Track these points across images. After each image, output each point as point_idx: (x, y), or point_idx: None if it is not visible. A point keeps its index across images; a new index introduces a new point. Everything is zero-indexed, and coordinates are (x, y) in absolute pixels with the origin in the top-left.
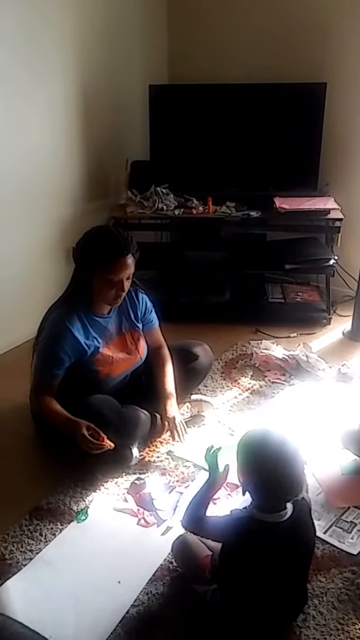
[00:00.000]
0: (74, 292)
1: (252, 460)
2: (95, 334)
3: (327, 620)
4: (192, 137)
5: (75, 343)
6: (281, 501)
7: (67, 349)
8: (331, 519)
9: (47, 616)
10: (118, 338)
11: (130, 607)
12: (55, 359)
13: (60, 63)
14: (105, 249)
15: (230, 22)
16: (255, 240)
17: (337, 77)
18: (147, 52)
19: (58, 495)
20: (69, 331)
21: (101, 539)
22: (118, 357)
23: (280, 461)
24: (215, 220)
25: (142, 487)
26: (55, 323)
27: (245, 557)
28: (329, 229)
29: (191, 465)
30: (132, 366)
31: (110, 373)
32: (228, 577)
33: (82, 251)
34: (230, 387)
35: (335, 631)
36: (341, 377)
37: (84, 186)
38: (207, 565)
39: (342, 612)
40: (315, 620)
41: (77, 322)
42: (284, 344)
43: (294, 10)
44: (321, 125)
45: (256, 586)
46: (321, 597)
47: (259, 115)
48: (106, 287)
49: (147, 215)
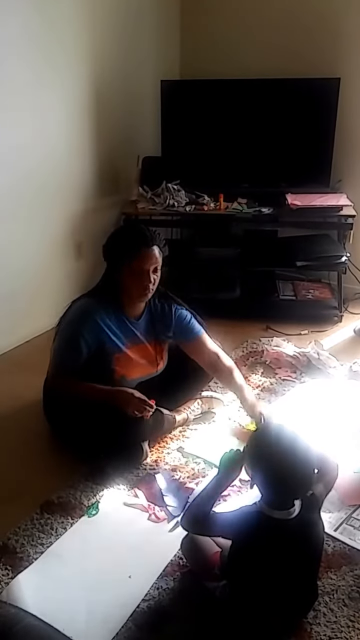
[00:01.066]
0: (103, 288)
1: (261, 455)
2: (121, 333)
3: (338, 617)
4: (204, 133)
5: (99, 331)
6: (289, 497)
7: (88, 336)
8: (342, 516)
9: (58, 609)
10: (142, 344)
11: (141, 601)
12: (76, 343)
13: (73, 59)
14: (131, 239)
15: (242, 18)
16: (267, 237)
17: (350, 73)
18: (159, 48)
19: (69, 489)
20: (93, 318)
21: (112, 533)
22: (138, 362)
23: (289, 457)
24: (226, 216)
25: (152, 482)
26: (81, 308)
27: (255, 552)
28: (341, 225)
29: (202, 461)
30: (147, 375)
31: (126, 375)
32: (237, 572)
33: (109, 245)
34: None
35: (346, 628)
36: (352, 374)
37: (96, 182)
38: (216, 562)
39: (352, 610)
40: (326, 617)
41: (104, 315)
42: (295, 341)
43: (307, 5)
44: (334, 121)
45: (265, 582)
46: (332, 595)
47: (271, 111)
48: (133, 279)
49: (158, 211)
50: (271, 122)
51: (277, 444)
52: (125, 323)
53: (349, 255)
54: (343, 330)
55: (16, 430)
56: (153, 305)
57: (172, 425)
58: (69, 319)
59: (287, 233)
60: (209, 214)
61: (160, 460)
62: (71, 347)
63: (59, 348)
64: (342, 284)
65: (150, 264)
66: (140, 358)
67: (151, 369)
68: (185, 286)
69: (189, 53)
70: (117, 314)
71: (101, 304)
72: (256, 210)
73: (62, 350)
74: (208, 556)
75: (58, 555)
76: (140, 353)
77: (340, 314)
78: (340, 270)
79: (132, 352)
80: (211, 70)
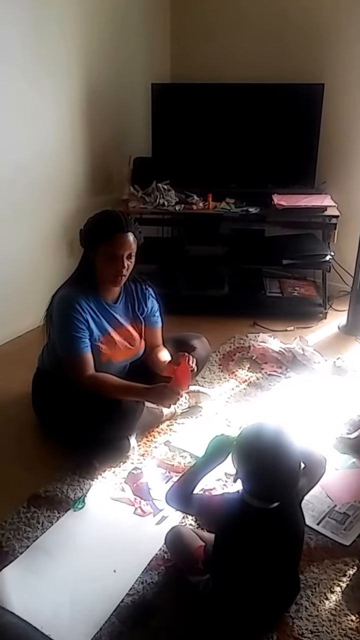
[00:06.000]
0: (80, 274)
1: (247, 451)
2: (103, 318)
3: (320, 611)
4: (193, 134)
5: (85, 317)
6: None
7: (80, 321)
8: (324, 510)
9: (42, 604)
10: (123, 327)
11: (125, 595)
12: (74, 329)
13: (65, 61)
14: (106, 223)
15: (231, 23)
16: (254, 236)
17: (334, 79)
18: (150, 51)
19: (56, 483)
20: (77, 305)
21: (98, 527)
22: (122, 344)
23: (273, 454)
24: (215, 216)
25: (139, 476)
26: (63, 298)
27: (235, 540)
28: (326, 225)
29: (188, 455)
30: (132, 357)
31: (112, 359)
32: (220, 563)
33: (86, 229)
34: (227, 378)
35: (328, 622)
36: (336, 370)
37: (88, 181)
38: (200, 556)
39: (334, 603)
40: (308, 611)
41: (84, 301)
42: (280, 337)
43: (294, 12)
44: (319, 124)
45: (247, 572)
46: (314, 588)
47: (259, 114)
48: (107, 264)
49: (149, 210)
50: (258, 125)
51: (260, 440)
52: (105, 307)
53: (333, 254)
54: (327, 327)
55: (4, 423)
56: (129, 288)
57: (159, 419)
58: (58, 312)
59: (274, 232)
60: (198, 213)
61: (147, 454)
62: (74, 335)
63: (64, 342)
64: (326, 282)
65: (124, 249)
66: (123, 340)
67: (134, 350)
68: (175, 283)
69: (178, 57)
70: (96, 299)
71: (80, 291)
72: (244, 210)
73: (69, 342)
74: (192, 550)
75: (44, 549)
76: (122, 335)
77: (325, 311)
78: (324, 269)
79: (115, 335)
80: (201, 74)
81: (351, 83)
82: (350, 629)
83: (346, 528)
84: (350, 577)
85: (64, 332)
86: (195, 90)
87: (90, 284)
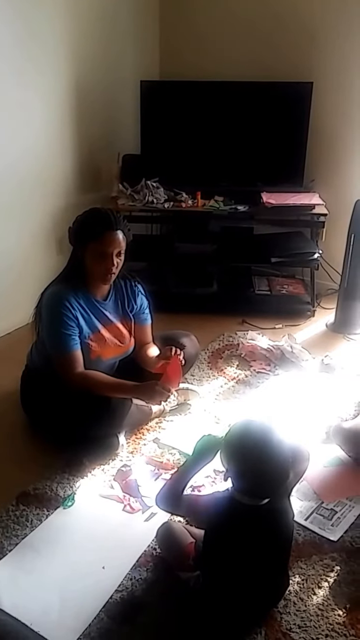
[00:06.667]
0: (69, 271)
1: (236, 448)
2: (92, 315)
3: (308, 606)
4: (182, 132)
5: (75, 314)
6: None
7: (69, 318)
8: (312, 506)
9: (31, 601)
10: (113, 324)
11: (114, 592)
12: (64, 326)
13: (54, 58)
14: (95, 221)
15: (220, 21)
16: (243, 234)
17: (323, 78)
18: (139, 49)
19: (45, 481)
20: (67, 302)
21: (87, 525)
22: (111, 341)
23: (262, 451)
24: (204, 213)
25: (128, 473)
26: (53, 295)
27: (226, 537)
28: (314, 223)
29: (177, 452)
30: (122, 354)
31: (101, 356)
32: (210, 560)
33: (75, 227)
34: (216, 376)
35: (315, 617)
36: (324, 367)
37: (77, 178)
38: (190, 553)
39: (322, 598)
40: (296, 606)
41: (73, 298)
42: (269, 334)
43: (283, 12)
44: (307, 123)
45: (237, 568)
46: (302, 584)
47: (248, 112)
48: (97, 261)
49: (138, 207)
50: (247, 123)
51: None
52: (94, 305)
53: (321, 252)
54: (315, 325)
55: None
56: (118, 285)
57: (148, 416)
58: (47, 309)
59: (263, 230)
60: (187, 211)
61: (136, 452)
62: (64, 332)
63: (54, 339)
64: (314, 280)
65: (113, 247)
66: (113, 337)
67: (124, 347)
68: (164, 281)
69: (168, 55)
70: (85, 297)
71: (69, 288)
72: (232, 208)
73: (58, 339)
74: (183, 547)
75: (32, 546)
76: (112, 333)
77: (313, 308)
78: (313, 267)
79: (104, 332)
80: (190, 71)
81: (340, 82)
82: (337, 624)
83: (333, 524)
84: (337, 572)
85: (54, 329)
86: (184, 88)
87: (80, 281)
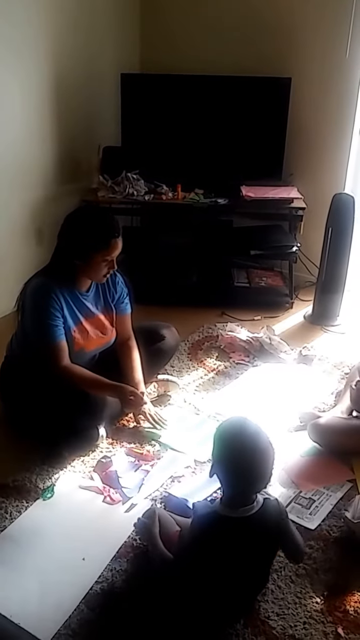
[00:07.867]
0: (56, 267)
1: (225, 447)
2: (76, 307)
3: (285, 594)
4: (163, 125)
5: (59, 306)
6: (249, 490)
7: (54, 309)
8: (290, 495)
9: (11, 593)
10: (95, 316)
11: (94, 583)
12: (50, 317)
13: (33, 49)
14: (101, 232)
15: (201, 15)
16: (222, 227)
17: (301, 73)
18: (119, 41)
19: (24, 472)
20: (52, 294)
21: (67, 516)
22: (94, 333)
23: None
24: (184, 206)
25: (108, 465)
26: (38, 286)
27: (210, 554)
28: (292, 217)
29: (157, 444)
30: (104, 345)
31: (85, 347)
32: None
33: (74, 234)
34: (196, 367)
35: (293, 605)
36: (302, 359)
37: (56, 169)
38: (174, 541)
39: (299, 586)
40: (274, 594)
41: (58, 291)
42: (248, 326)
43: (263, 7)
44: (286, 118)
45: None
46: (280, 572)
47: (228, 106)
48: (99, 267)
49: (118, 199)
50: (227, 117)
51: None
52: (77, 297)
53: (299, 245)
54: (294, 317)
55: None
56: None
57: None
58: (33, 300)
59: (242, 223)
60: (167, 203)
61: (116, 443)
62: (50, 323)
63: (39, 330)
64: (293, 272)
65: (116, 253)
66: (95, 329)
67: (106, 339)
68: (144, 273)
69: (148, 47)
70: (69, 289)
71: (54, 282)
72: (212, 200)
73: (44, 330)
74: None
75: (12, 538)
76: (94, 324)
77: (291, 300)
78: (291, 260)
79: (87, 324)
80: (170, 65)
81: (318, 78)
82: (315, 611)
83: (312, 512)
84: (315, 560)
85: (40, 320)
86: (164, 81)
87: (67, 277)
